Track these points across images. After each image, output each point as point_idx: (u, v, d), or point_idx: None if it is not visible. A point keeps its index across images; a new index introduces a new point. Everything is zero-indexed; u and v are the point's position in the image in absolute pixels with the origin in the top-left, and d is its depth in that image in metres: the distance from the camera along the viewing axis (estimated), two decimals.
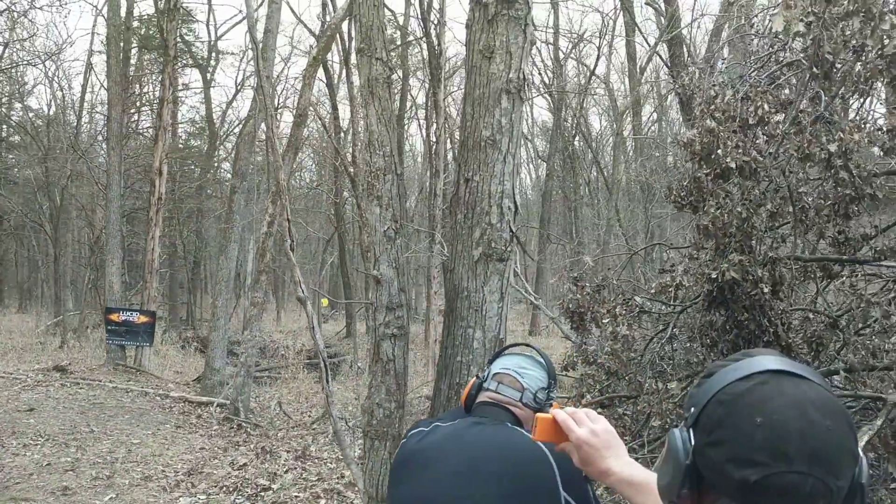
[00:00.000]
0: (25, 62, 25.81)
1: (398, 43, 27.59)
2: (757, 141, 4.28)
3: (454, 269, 3.25)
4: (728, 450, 0.98)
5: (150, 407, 11.69)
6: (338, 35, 19.37)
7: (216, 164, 29.13)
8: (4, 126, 30.32)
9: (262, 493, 7.29)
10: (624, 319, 5.11)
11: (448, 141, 19.38)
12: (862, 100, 3.67)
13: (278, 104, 28.57)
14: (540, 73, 28.57)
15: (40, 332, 21.65)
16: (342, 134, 24.95)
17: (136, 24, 22.14)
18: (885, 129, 3.72)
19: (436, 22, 21.97)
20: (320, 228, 33.37)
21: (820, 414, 0.96)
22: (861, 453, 1.01)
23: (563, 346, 11.55)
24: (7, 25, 22.78)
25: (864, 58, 2.58)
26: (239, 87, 27.86)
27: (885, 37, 2.38)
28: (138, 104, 24.43)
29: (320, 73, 23.48)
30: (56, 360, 15.06)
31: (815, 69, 2.92)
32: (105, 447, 8.88)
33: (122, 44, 17.29)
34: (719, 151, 3.93)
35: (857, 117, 3.72)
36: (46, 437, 9.05)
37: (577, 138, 27.15)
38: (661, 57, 17.34)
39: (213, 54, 28.69)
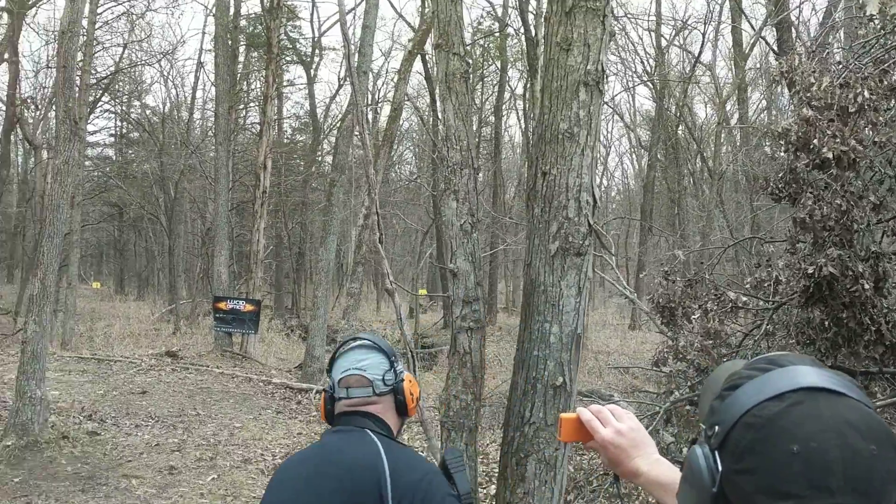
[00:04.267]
0: (143, 62, 27.27)
1: (496, 34, 27.58)
2: (858, 130, 4.06)
3: (531, 263, 3.24)
4: (760, 479, 0.90)
5: (254, 392, 12.16)
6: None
7: (320, 158, 29.94)
8: (124, 123, 32.16)
9: None
10: (715, 315, 4.96)
11: None
12: None
13: (379, 98, 29.09)
14: (642, 62, 27.96)
15: (155, 318, 22.87)
16: (440, 126, 25.17)
17: (243, 23, 22.97)
18: None
19: (534, 13, 21.89)
20: (419, 221, 33.73)
21: (862, 438, 0.88)
22: None
23: (662, 341, 11.29)
24: (126, 27, 24.13)
25: None
26: (341, 83, 28.44)
27: None
28: (246, 101, 25.34)
29: (419, 65, 23.74)
30: (168, 346, 15.86)
31: None
32: (210, 430, 9.31)
33: (229, 42, 17.96)
34: (815, 141, 3.75)
35: None
36: (156, 418, 9.57)
37: (680, 128, 26.37)
38: (766, 42, 16.64)
39: (317, 51, 29.44)
